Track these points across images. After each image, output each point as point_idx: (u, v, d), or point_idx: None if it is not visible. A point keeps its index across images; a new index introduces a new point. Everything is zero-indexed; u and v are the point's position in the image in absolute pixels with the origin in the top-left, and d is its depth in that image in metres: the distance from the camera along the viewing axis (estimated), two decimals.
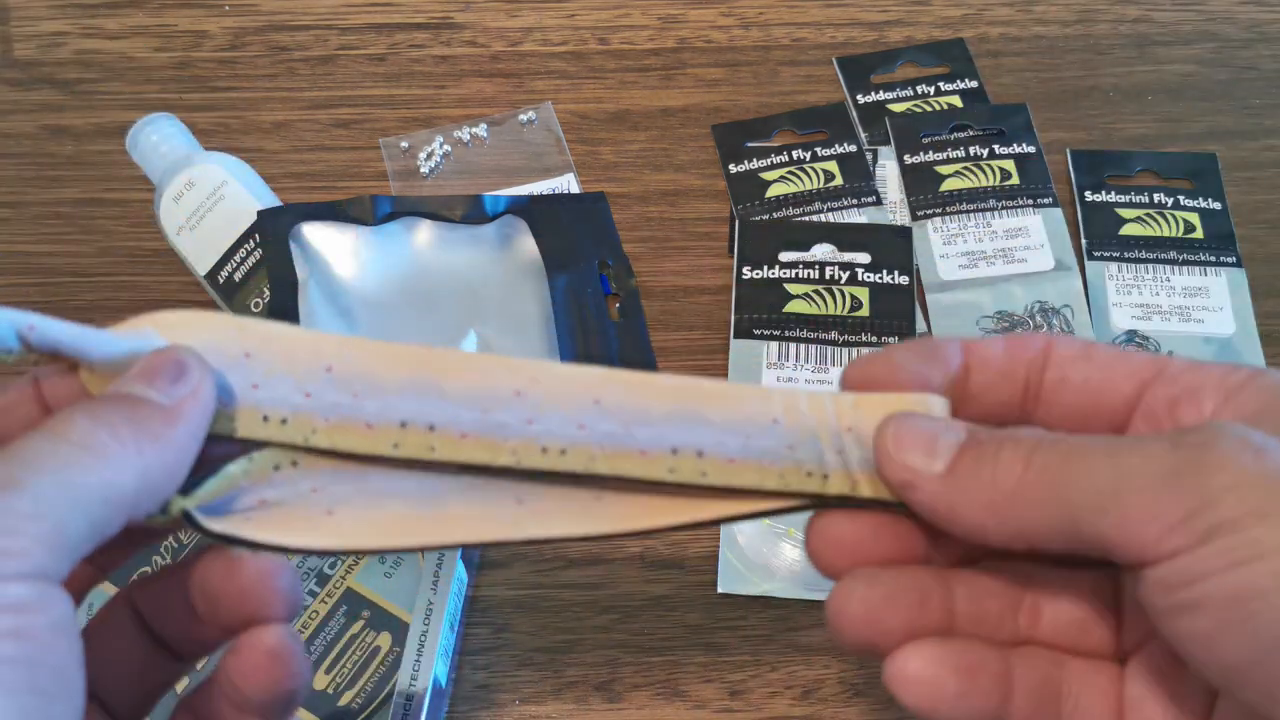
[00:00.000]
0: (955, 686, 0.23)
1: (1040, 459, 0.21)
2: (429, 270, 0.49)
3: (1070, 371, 0.24)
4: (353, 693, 0.39)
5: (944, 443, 0.23)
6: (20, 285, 0.52)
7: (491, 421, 0.23)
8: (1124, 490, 0.20)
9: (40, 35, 0.60)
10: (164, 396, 0.21)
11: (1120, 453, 0.21)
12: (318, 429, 0.23)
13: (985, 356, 0.24)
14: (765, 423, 0.24)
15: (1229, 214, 0.52)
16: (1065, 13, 0.60)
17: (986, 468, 0.22)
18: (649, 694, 0.41)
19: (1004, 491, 0.21)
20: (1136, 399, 0.23)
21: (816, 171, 0.54)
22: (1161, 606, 0.20)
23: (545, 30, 0.60)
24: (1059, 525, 0.21)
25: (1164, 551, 0.19)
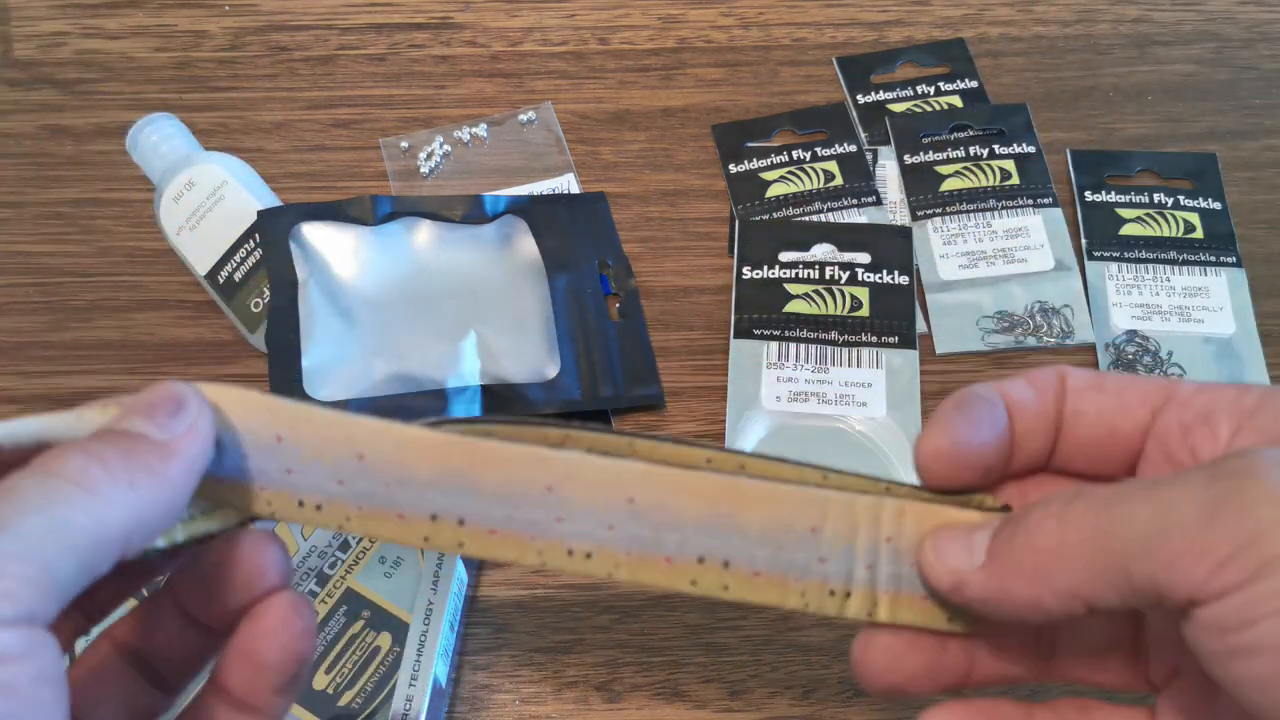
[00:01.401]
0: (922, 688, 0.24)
1: (1075, 511, 0.21)
2: (429, 270, 0.49)
3: (1083, 404, 0.24)
4: (353, 693, 0.39)
5: (979, 537, 0.23)
6: (20, 285, 0.52)
7: (520, 518, 0.23)
8: (1167, 529, 0.19)
9: (40, 35, 0.60)
10: (161, 431, 0.21)
11: (1158, 490, 0.20)
12: (351, 517, 0.23)
13: (1017, 398, 0.24)
14: (803, 531, 0.24)
15: (1229, 214, 0.52)
16: (1065, 13, 0.60)
17: (1020, 539, 0.22)
18: (649, 694, 0.41)
19: (1044, 554, 0.21)
20: (1149, 425, 0.23)
21: (816, 171, 0.54)
22: (1215, 650, 0.19)
23: (545, 30, 0.60)
24: (1109, 576, 0.20)
25: (1213, 590, 0.19)
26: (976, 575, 0.22)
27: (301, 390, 0.45)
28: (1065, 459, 0.24)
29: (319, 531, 0.42)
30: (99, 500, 0.19)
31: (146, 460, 0.20)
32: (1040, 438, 0.24)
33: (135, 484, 0.20)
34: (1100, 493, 0.21)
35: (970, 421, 0.24)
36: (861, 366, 0.48)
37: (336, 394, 0.45)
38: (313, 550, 0.41)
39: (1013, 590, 0.22)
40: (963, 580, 0.23)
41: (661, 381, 0.48)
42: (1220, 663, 0.19)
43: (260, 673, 0.23)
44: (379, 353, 0.46)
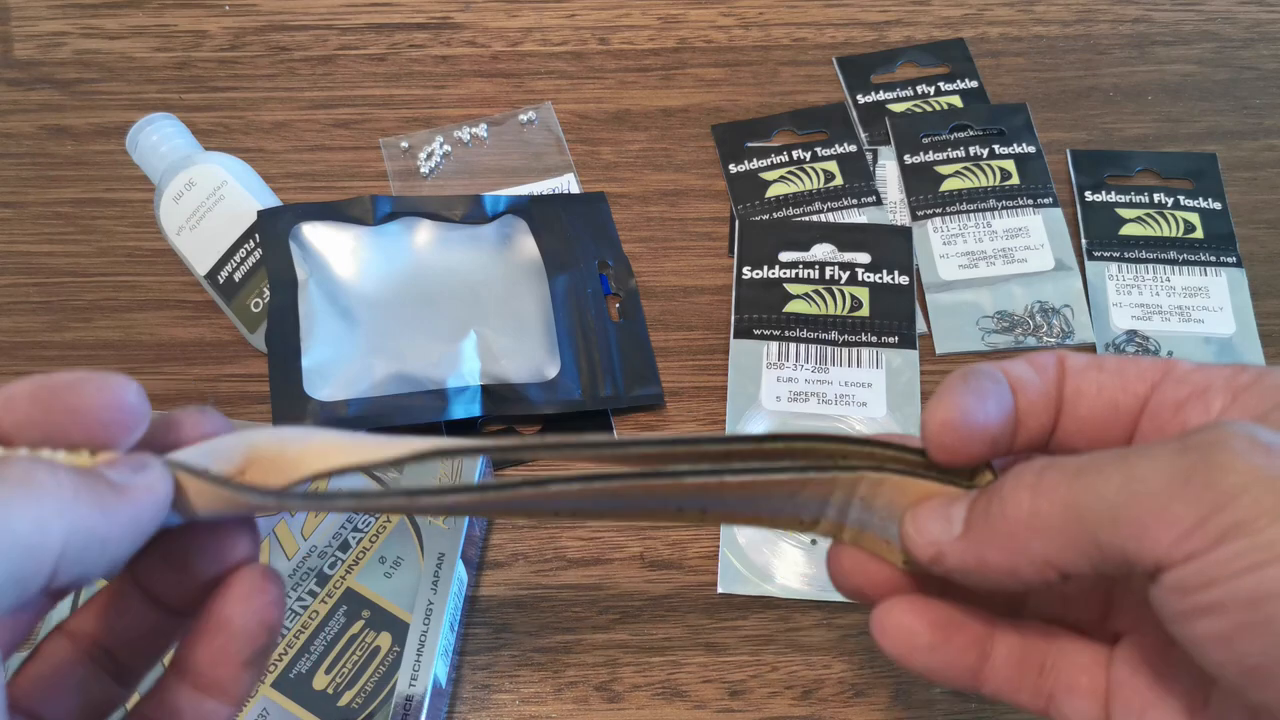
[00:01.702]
0: (929, 639, 0.25)
1: (1047, 481, 0.22)
2: (429, 270, 0.49)
3: (1084, 382, 0.24)
4: (353, 693, 0.39)
5: (956, 508, 0.23)
6: (20, 285, 0.52)
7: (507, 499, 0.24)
8: (1135, 497, 0.20)
9: (40, 35, 0.60)
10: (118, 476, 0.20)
11: (1128, 461, 0.21)
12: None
13: (1019, 377, 0.25)
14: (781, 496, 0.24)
15: (1229, 214, 0.52)
16: (1065, 13, 0.60)
17: (995, 508, 0.22)
18: (649, 694, 0.41)
19: (1017, 523, 0.22)
20: (1148, 399, 0.23)
21: (816, 171, 0.54)
22: (1178, 609, 0.20)
23: (545, 30, 0.60)
24: (1080, 545, 0.21)
25: (1178, 555, 0.19)
26: (954, 545, 0.23)
27: (301, 390, 0.45)
28: (1066, 438, 0.25)
29: (319, 531, 0.42)
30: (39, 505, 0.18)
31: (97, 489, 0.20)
32: (1041, 416, 0.24)
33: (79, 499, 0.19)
34: (1071, 463, 0.22)
35: (977, 394, 0.24)
36: (861, 366, 0.48)
37: (336, 394, 0.45)
38: (313, 550, 0.41)
39: (989, 559, 0.22)
40: (941, 550, 0.23)
41: (661, 381, 0.48)
42: (1182, 622, 0.20)
43: (231, 642, 0.22)
44: (379, 353, 0.46)
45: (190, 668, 0.23)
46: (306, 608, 0.40)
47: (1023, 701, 0.25)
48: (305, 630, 0.40)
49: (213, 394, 0.48)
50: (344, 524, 0.42)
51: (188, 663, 0.23)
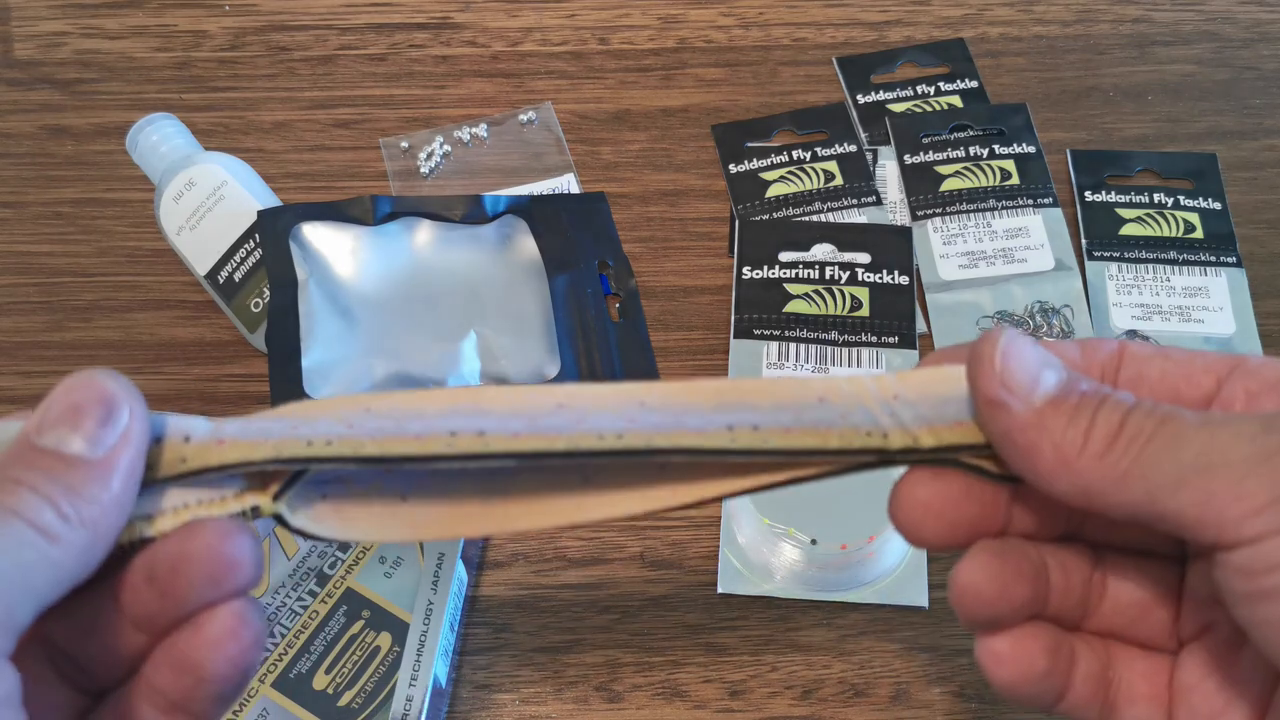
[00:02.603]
0: (1045, 666, 0.24)
1: (1133, 424, 0.21)
2: (429, 270, 0.49)
3: (1147, 368, 0.24)
4: (353, 693, 0.39)
5: (1046, 378, 0.22)
6: (20, 285, 0.52)
7: (542, 425, 0.23)
8: (1212, 466, 0.19)
9: (40, 35, 0.60)
10: (93, 447, 0.20)
11: (1210, 430, 0.20)
12: (365, 443, 0.22)
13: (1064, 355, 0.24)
14: (811, 401, 0.24)
15: (1229, 214, 0.52)
16: (1065, 13, 0.60)
17: (1082, 424, 0.21)
18: (649, 694, 0.41)
19: (1091, 454, 0.21)
20: (1214, 393, 0.23)
21: (816, 171, 0.54)
22: (1241, 591, 0.20)
23: (545, 30, 0.60)
24: (1134, 496, 0.20)
25: (1246, 535, 0.19)
26: (1019, 415, 0.22)
27: (301, 390, 0.45)
28: None
29: None
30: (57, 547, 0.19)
31: (87, 490, 0.19)
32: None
33: (84, 521, 0.19)
34: (1160, 410, 0.21)
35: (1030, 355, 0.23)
36: (861, 366, 0.48)
37: (336, 394, 0.45)
38: (313, 550, 0.41)
39: (1040, 457, 0.22)
40: (1008, 406, 0.22)
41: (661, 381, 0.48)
42: (1247, 604, 0.20)
43: (200, 685, 0.21)
44: (379, 353, 0.46)
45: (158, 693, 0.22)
46: (306, 608, 0.40)
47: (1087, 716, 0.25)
48: (305, 630, 0.40)
49: (213, 394, 0.48)
50: None
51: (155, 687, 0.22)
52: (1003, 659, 0.24)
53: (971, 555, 0.24)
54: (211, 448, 0.22)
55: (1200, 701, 0.23)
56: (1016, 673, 0.24)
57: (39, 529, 0.19)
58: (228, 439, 0.22)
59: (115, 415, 0.20)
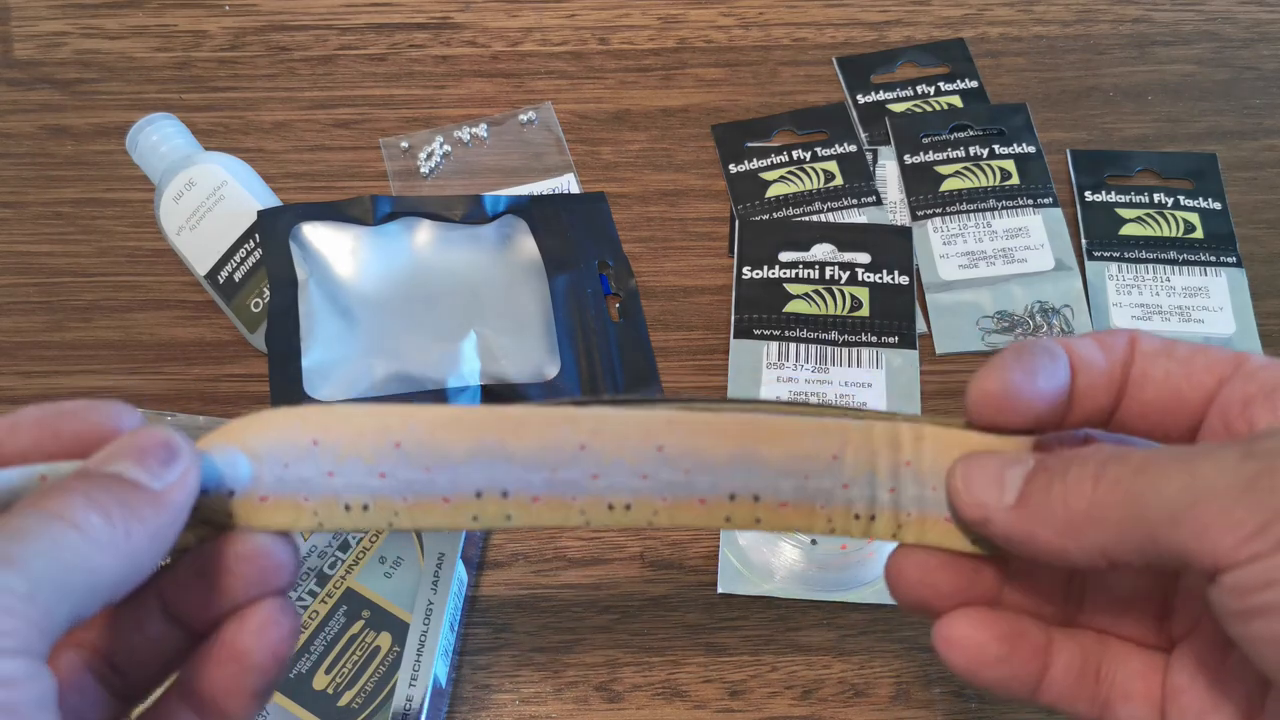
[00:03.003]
0: (996, 651, 0.25)
1: (1110, 474, 0.22)
2: (429, 270, 0.49)
3: (1151, 367, 0.24)
4: (353, 693, 0.39)
5: (1011, 475, 0.23)
6: (20, 285, 0.52)
7: (560, 480, 0.24)
8: (1198, 501, 0.20)
9: (40, 35, 0.60)
10: (154, 480, 0.20)
11: (1193, 462, 0.21)
12: (399, 511, 0.24)
13: (1083, 355, 0.24)
14: (825, 459, 0.25)
15: (1229, 214, 0.52)
16: (1065, 13, 0.60)
17: (1056, 491, 0.22)
18: (649, 694, 0.41)
19: (1076, 511, 0.22)
20: (1215, 393, 0.23)
21: (816, 171, 0.54)
22: (1235, 609, 0.20)
23: (545, 30, 0.60)
24: (1136, 540, 0.21)
25: (1240, 558, 0.20)
26: (1005, 515, 0.23)
27: (301, 390, 0.45)
28: (1128, 420, 0.25)
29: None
30: (98, 550, 0.19)
31: (140, 510, 0.20)
32: (1101, 397, 0.24)
33: (130, 534, 0.20)
34: (1135, 457, 0.22)
35: (1026, 369, 0.24)
36: (861, 366, 0.48)
37: (336, 394, 0.45)
38: (313, 550, 0.41)
39: (1039, 537, 0.22)
40: (990, 516, 0.23)
41: (661, 381, 0.48)
42: (1239, 622, 0.20)
43: (244, 674, 0.22)
44: (379, 353, 0.46)
45: (196, 693, 0.23)
46: (306, 608, 0.40)
47: (1080, 710, 0.25)
48: (305, 630, 0.40)
49: (213, 394, 0.48)
50: None
51: (194, 688, 0.23)
52: (952, 643, 0.25)
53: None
54: (254, 507, 0.23)
55: (1190, 702, 0.24)
56: (967, 657, 0.25)
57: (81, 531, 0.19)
58: (269, 497, 0.23)
59: (176, 459, 0.21)
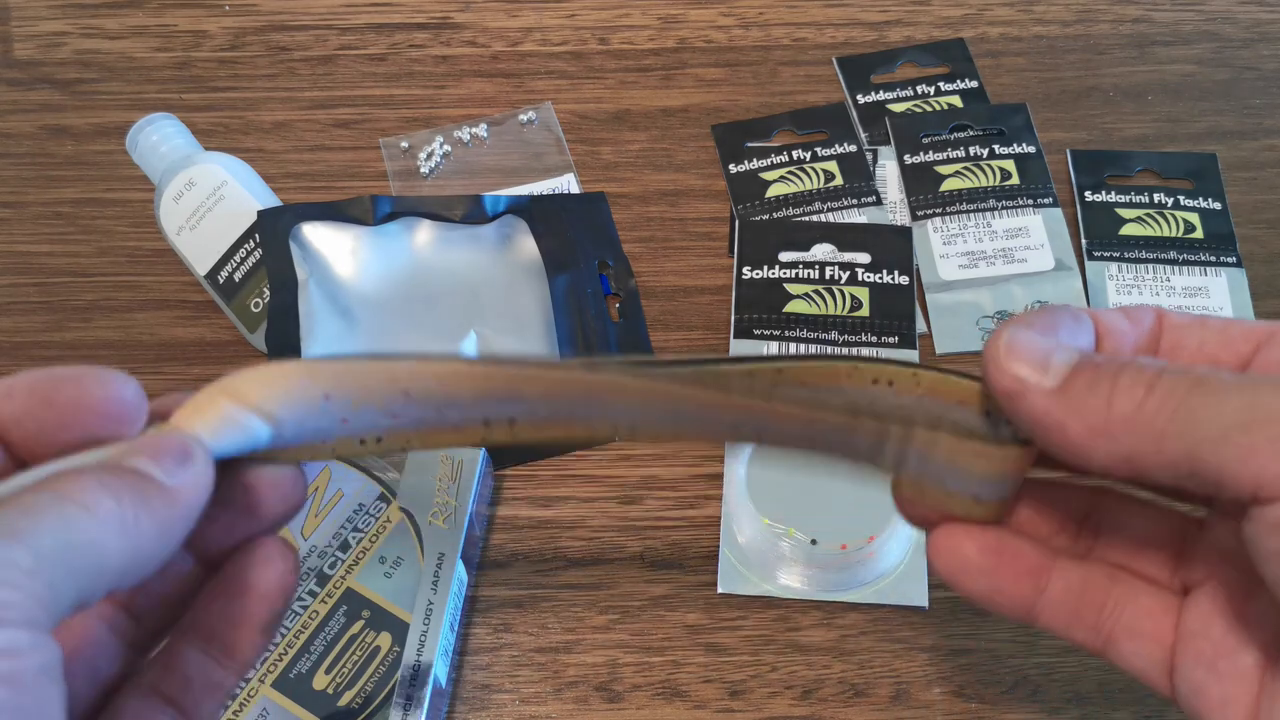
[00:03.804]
0: (979, 563, 0.24)
1: (1166, 384, 0.21)
2: (429, 270, 0.49)
3: (1185, 338, 0.24)
4: (353, 693, 0.39)
5: (1058, 359, 0.22)
6: (20, 285, 0.52)
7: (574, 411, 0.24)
8: (1253, 424, 0.20)
9: (40, 35, 0.60)
10: (167, 477, 0.21)
11: (1255, 387, 0.20)
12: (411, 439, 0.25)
13: (1111, 324, 0.24)
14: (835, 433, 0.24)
15: (1229, 214, 0.52)
16: (1065, 13, 0.60)
17: (1103, 390, 0.21)
18: (649, 694, 0.41)
19: (1120, 416, 0.21)
20: (1250, 359, 0.23)
21: (816, 171, 0.54)
22: (1273, 548, 0.20)
23: (545, 30, 0.60)
24: (1174, 454, 0.20)
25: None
26: (1041, 397, 0.22)
27: None
28: None
29: (319, 531, 0.42)
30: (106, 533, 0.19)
31: (152, 502, 0.20)
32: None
33: (139, 523, 0.20)
34: (1194, 373, 0.21)
35: (1047, 326, 0.23)
36: None
37: None
38: (313, 550, 0.41)
39: (1070, 429, 0.22)
40: (1026, 393, 0.22)
41: None
42: (1274, 561, 0.20)
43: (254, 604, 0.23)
44: None
45: (204, 630, 0.23)
46: (306, 608, 0.40)
47: (1078, 638, 0.25)
48: (305, 630, 0.40)
49: None
50: (344, 524, 0.42)
51: (202, 625, 0.23)
52: (938, 550, 0.25)
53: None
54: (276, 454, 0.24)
55: (1204, 647, 0.24)
56: (949, 565, 0.25)
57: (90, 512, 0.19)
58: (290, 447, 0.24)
59: (190, 462, 0.21)
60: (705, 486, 0.45)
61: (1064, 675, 0.41)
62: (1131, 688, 0.41)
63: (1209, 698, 0.23)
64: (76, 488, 0.19)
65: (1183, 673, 0.24)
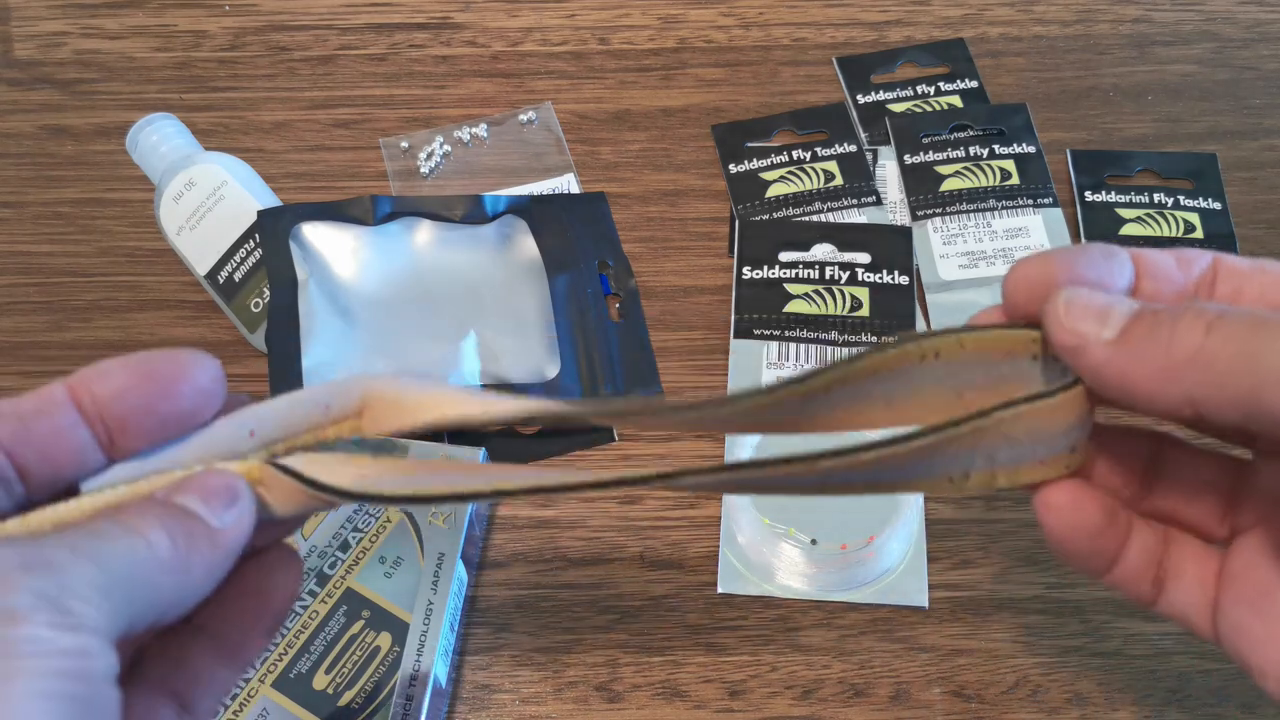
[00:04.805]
0: (1098, 522, 0.25)
1: (1226, 324, 0.21)
2: (429, 270, 0.49)
3: (1245, 283, 0.24)
4: (353, 693, 0.39)
5: (1116, 311, 0.23)
6: (20, 285, 0.52)
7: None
8: None
9: (40, 35, 0.60)
10: (216, 519, 0.22)
11: None
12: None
13: (1155, 265, 0.24)
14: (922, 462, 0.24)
15: (1229, 214, 0.52)
16: (1065, 13, 0.60)
17: (1163, 334, 0.22)
18: (649, 694, 0.41)
19: (1181, 357, 0.21)
20: None
21: (816, 171, 0.54)
22: None
23: (545, 30, 0.60)
24: (1237, 392, 0.21)
25: None
26: (1102, 349, 0.22)
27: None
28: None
29: (319, 531, 0.42)
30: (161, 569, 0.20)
31: (201, 546, 0.21)
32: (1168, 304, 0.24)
33: (191, 567, 0.21)
34: (1255, 314, 0.21)
35: (1071, 259, 0.24)
36: None
37: None
38: (313, 550, 0.41)
39: (1132, 377, 0.22)
40: (1087, 346, 0.23)
41: (661, 381, 0.48)
42: None
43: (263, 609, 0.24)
44: (379, 353, 0.46)
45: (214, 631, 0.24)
46: (306, 608, 0.40)
47: (1140, 592, 0.26)
48: (305, 630, 0.40)
49: None
50: (344, 524, 0.42)
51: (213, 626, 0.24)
52: (1058, 509, 0.25)
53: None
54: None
55: (1248, 586, 0.24)
56: (1069, 523, 0.25)
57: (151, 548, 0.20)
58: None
59: (236, 503, 0.23)
60: None
61: (1064, 675, 0.41)
62: (1131, 688, 0.41)
63: (1250, 635, 0.24)
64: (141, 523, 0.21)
65: (1225, 612, 0.24)
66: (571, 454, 0.46)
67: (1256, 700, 0.40)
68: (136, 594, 0.20)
